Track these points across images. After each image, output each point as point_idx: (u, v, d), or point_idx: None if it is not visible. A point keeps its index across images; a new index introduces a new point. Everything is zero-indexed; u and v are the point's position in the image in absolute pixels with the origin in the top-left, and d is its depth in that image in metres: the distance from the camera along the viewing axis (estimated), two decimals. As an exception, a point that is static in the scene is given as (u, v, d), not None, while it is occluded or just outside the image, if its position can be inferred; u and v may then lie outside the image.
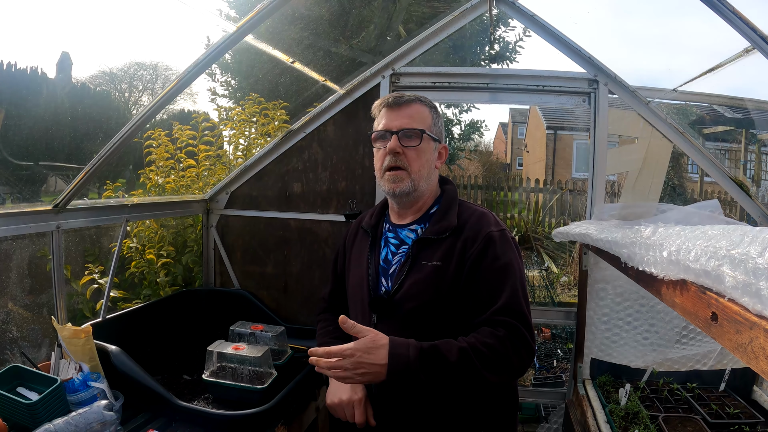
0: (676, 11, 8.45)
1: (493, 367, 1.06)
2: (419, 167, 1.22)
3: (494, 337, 1.08)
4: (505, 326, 1.10)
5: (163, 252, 2.51)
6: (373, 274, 1.27)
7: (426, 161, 1.24)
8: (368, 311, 1.25)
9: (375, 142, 1.27)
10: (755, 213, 2.02)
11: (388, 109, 1.25)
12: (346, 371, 1.04)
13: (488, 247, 1.17)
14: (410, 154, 1.21)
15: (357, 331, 1.07)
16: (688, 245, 0.65)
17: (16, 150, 10.12)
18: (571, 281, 5.54)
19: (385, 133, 1.23)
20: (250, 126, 3.24)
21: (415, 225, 1.28)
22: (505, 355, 1.07)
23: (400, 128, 1.21)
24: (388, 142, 1.22)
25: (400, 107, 1.24)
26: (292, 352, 1.87)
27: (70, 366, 1.45)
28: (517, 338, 1.09)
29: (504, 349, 1.07)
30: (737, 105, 3.12)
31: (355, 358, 1.03)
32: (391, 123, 1.23)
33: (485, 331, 1.10)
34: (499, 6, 2.14)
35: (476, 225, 1.21)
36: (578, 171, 16.35)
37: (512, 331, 1.09)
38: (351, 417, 1.21)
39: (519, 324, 1.10)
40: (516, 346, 1.09)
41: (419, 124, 1.23)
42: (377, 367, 1.03)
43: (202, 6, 2.88)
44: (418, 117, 1.24)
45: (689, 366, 1.93)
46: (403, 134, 1.21)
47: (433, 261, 1.19)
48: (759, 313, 0.48)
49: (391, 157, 1.21)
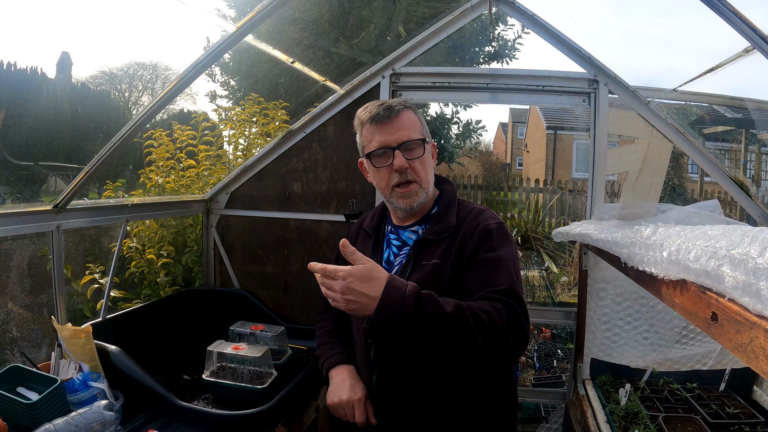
0: (675, 11, 8.46)
1: (488, 335, 0.99)
2: (426, 175, 1.21)
3: (491, 307, 1.03)
4: (502, 303, 1.05)
5: (163, 252, 2.51)
6: None
7: (429, 167, 1.24)
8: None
9: (374, 159, 1.21)
10: (755, 213, 2.02)
11: (379, 124, 1.19)
12: (334, 293, 0.97)
13: (485, 239, 1.16)
14: (416, 165, 1.19)
15: (355, 258, 1.00)
16: (688, 245, 0.65)
17: (16, 150, 10.13)
18: (571, 281, 5.55)
19: (385, 150, 1.18)
20: (250, 126, 3.24)
21: (417, 226, 1.28)
22: (501, 328, 1.00)
23: (400, 142, 1.17)
24: (390, 159, 1.18)
25: (392, 120, 1.18)
26: (292, 352, 1.87)
27: (70, 366, 1.45)
28: (513, 316, 1.03)
29: (501, 321, 1.01)
30: (737, 105, 3.12)
31: (346, 282, 0.95)
32: (387, 138, 1.18)
33: (482, 302, 1.05)
34: (498, 6, 2.14)
35: (474, 221, 1.21)
36: (578, 171, 16.35)
37: (510, 309, 1.04)
38: (351, 417, 1.21)
39: (515, 304, 1.06)
40: (512, 322, 1.02)
41: (416, 132, 1.20)
42: (367, 298, 0.96)
43: (202, 6, 2.88)
44: (412, 126, 1.20)
45: (689, 366, 1.93)
46: (405, 148, 1.18)
47: (432, 260, 1.19)
48: (759, 313, 0.48)
49: (399, 175, 1.19)
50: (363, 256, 1.01)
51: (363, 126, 1.23)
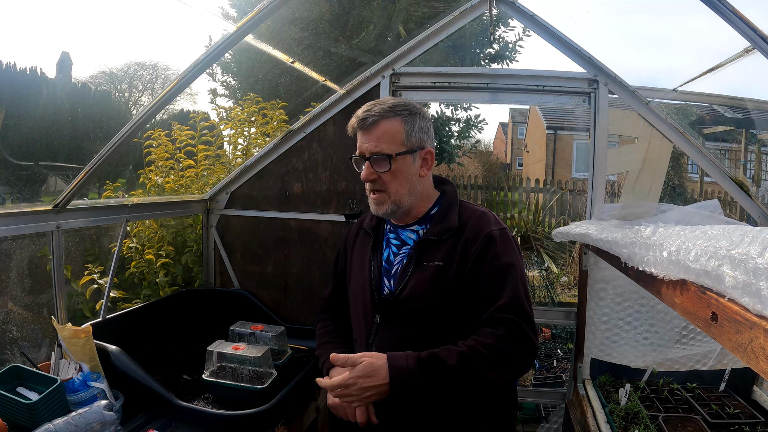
0: (675, 11, 8.47)
1: (495, 366, 1.07)
2: (397, 188, 1.21)
3: (493, 336, 1.09)
4: (505, 324, 1.10)
5: (163, 252, 2.51)
6: (376, 275, 1.27)
7: (404, 179, 1.21)
8: (371, 312, 1.25)
9: (356, 163, 1.26)
10: (755, 213, 2.02)
11: (361, 130, 1.22)
12: (353, 397, 1.10)
13: (489, 246, 1.17)
14: (385, 177, 1.20)
15: (352, 362, 1.10)
16: (688, 245, 0.65)
17: (16, 150, 10.13)
18: (571, 281, 5.55)
19: (359, 158, 1.23)
20: (249, 126, 3.24)
21: (416, 226, 1.28)
22: (506, 354, 1.08)
23: (371, 153, 1.19)
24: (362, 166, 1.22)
25: (369, 130, 1.20)
26: (292, 352, 1.87)
27: (70, 366, 1.45)
28: (517, 335, 1.09)
29: (504, 348, 1.08)
30: (737, 105, 3.12)
31: (357, 386, 1.07)
32: (362, 146, 1.21)
33: (485, 331, 1.11)
34: (499, 6, 2.13)
35: (477, 225, 1.21)
36: (578, 171, 16.34)
37: (512, 328, 1.10)
38: (353, 416, 1.21)
39: (520, 320, 1.11)
40: (517, 342, 1.09)
41: (388, 145, 1.18)
42: (380, 387, 1.07)
43: (202, 6, 2.88)
44: (386, 137, 1.18)
45: (689, 366, 1.93)
46: (374, 160, 1.19)
47: (435, 261, 1.19)
48: (759, 313, 0.48)
49: (369, 183, 1.22)
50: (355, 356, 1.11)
51: (353, 131, 1.27)
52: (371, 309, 1.25)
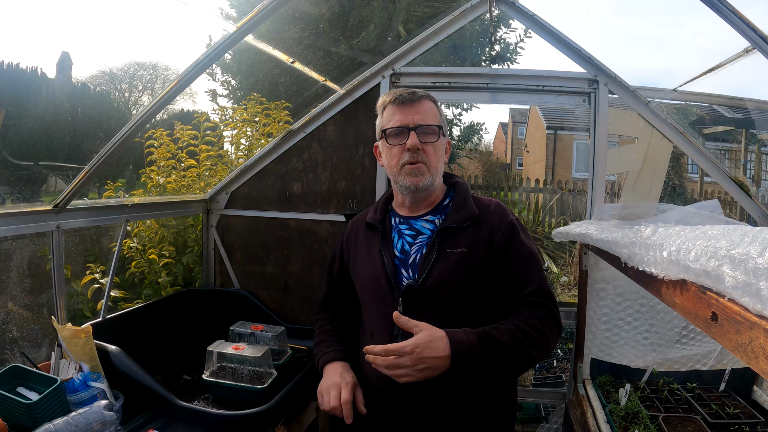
0: (675, 11, 8.47)
1: (537, 345, 1.12)
2: (436, 162, 1.25)
3: (534, 317, 1.15)
4: (541, 307, 1.17)
5: (165, 252, 2.51)
6: (391, 266, 1.24)
7: (440, 156, 1.27)
8: (390, 303, 1.21)
9: (389, 138, 1.25)
10: (755, 213, 2.02)
11: (401, 106, 1.24)
12: (406, 368, 1.02)
13: (513, 234, 1.23)
14: (428, 149, 1.23)
15: (412, 325, 1.06)
16: (688, 245, 0.65)
17: (16, 150, 10.13)
18: (571, 281, 5.55)
19: (401, 129, 1.23)
20: (252, 126, 3.24)
21: (430, 216, 1.29)
22: (545, 335, 1.14)
23: (417, 125, 1.21)
24: (404, 138, 1.22)
25: (414, 103, 1.23)
26: (292, 352, 1.87)
27: (70, 366, 1.45)
28: (550, 317, 1.17)
29: (544, 329, 1.14)
30: (737, 105, 3.12)
31: (415, 354, 1.02)
32: (406, 119, 1.22)
33: (525, 312, 1.16)
34: (499, 6, 2.14)
35: (497, 214, 1.26)
36: (578, 171, 16.33)
37: (547, 312, 1.17)
38: (336, 398, 1.19)
39: (551, 305, 1.18)
40: (551, 325, 1.17)
41: (434, 120, 1.24)
42: (439, 360, 1.03)
43: (202, 6, 2.88)
44: (431, 113, 1.25)
45: (689, 366, 1.93)
46: (422, 131, 1.22)
47: (459, 248, 1.20)
48: (759, 313, 0.48)
49: (410, 154, 1.22)
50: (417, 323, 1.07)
51: (385, 107, 1.28)
52: (391, 300, 1.22)
